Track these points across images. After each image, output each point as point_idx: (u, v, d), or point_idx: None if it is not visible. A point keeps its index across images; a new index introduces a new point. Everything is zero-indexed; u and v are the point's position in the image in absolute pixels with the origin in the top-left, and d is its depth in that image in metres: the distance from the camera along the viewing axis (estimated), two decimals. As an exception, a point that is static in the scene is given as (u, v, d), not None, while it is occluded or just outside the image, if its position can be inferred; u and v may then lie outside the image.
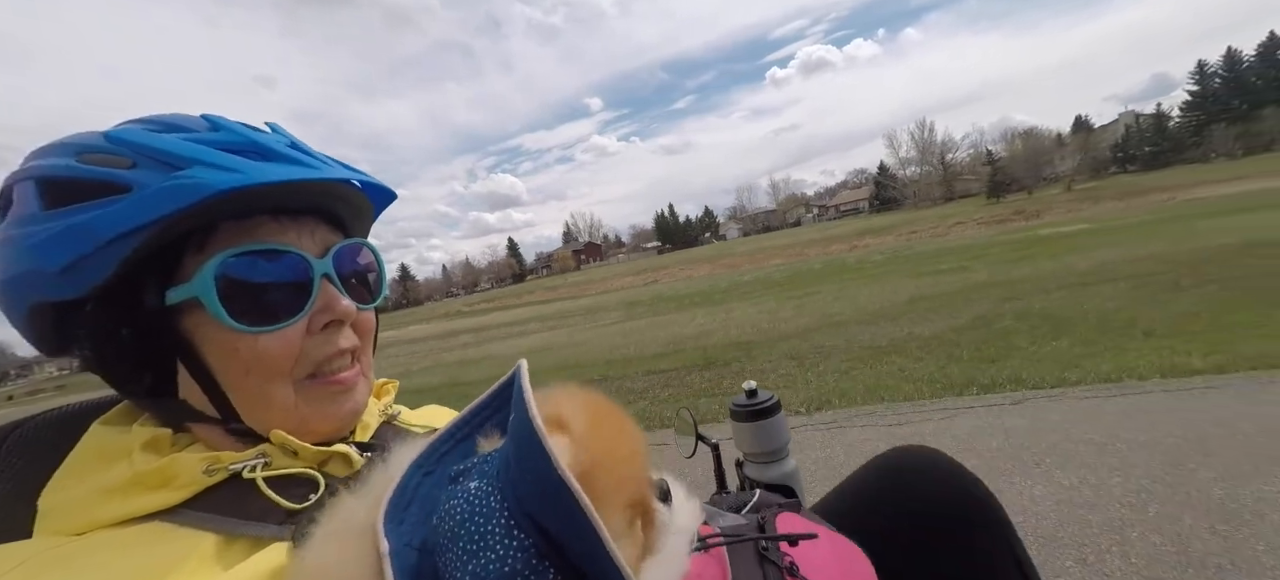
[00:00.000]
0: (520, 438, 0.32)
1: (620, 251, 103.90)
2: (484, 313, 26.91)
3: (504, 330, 14.31)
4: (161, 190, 0.39)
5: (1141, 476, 1.89)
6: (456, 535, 0.31)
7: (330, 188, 0.48)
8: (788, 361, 4.54)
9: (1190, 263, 5.67)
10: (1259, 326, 3.30)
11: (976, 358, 3.66)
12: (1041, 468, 2.07)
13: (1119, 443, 2.14)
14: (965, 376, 3.29)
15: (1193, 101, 49.28)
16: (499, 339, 12.33)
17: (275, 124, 0.50)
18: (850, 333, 5.19)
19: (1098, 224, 13.21)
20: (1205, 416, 2.25)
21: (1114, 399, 2.62)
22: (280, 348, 0.44)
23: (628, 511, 0.35)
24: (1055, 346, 3.61)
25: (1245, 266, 5.08)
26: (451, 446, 0.40)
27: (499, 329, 15.02)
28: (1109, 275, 5.78)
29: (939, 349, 4.05)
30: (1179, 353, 3.05)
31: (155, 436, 0.44)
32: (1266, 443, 1.96)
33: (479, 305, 37.79)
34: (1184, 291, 4.53)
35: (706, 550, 0.45)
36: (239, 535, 0.40)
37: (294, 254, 0.45)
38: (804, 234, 47.52)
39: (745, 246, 40.73)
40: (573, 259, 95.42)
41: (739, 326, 6.90)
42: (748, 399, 0.83)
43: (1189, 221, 9.91)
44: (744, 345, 5.58)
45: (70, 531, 0.39)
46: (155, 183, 0.40)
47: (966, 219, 29.69)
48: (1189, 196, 17.14)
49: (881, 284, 8.51)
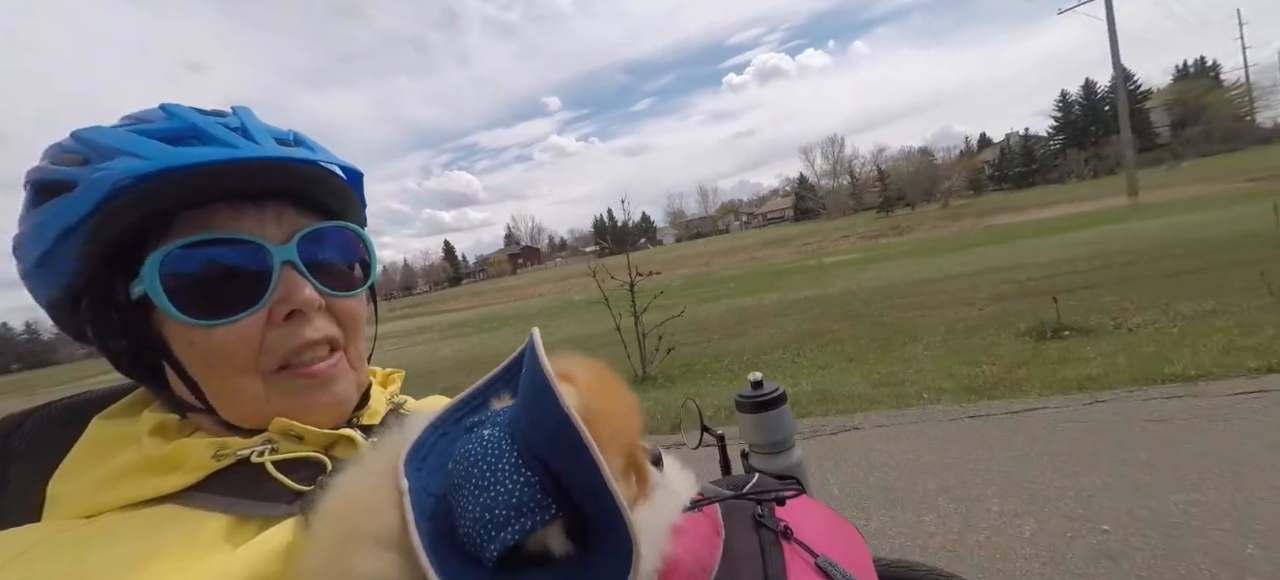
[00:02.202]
0: (532, 386, 0.35)
1: (559, 255, 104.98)
2: (386, 321, 27.89)
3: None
4: (88, 183, 0.39)
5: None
6: (469, 473, 0.34)
7: (291, 169, 0.45)
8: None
9: (813, 305, 8.08)
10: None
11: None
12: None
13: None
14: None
15: (1056, 127, 56.11)
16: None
17: (242, 107, 0.48)
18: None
19: (880, 250, 16.05)
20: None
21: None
22: (237, 340, 0.43)
23: (623, 458, 0.38)
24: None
25: (841, 310, 7.39)
26: (467, 411, 0.43)
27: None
28: (739, 316, 7.99)
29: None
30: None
31: (163, 422, 0.44)
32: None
33: (400, 311, 38.33)
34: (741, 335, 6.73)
35: (698, 510, 0.45)
36: (250, 516, 0.40)
37: (248, 241, 0.43)
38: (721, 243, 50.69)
39: (665, 255, 42.95)
40: (509, 263, 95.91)
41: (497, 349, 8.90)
42: (753, 390, 0.81)
43: (940, 254, 12.74)
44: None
45: (80, 515, 0.39)
46: (88, 177, 0.40)
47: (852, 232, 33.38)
48: (1019, 219, 20.11)
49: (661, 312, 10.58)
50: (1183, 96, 53.26)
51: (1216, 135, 47.07)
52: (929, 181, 47.05)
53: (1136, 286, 5.40)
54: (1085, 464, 2.38)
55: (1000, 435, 2.82)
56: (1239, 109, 52.60)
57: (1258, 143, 44.44)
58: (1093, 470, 2.32)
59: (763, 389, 0.81)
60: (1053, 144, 55.25)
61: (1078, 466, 2.38)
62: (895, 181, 48.94)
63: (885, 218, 40.41)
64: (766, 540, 0.45)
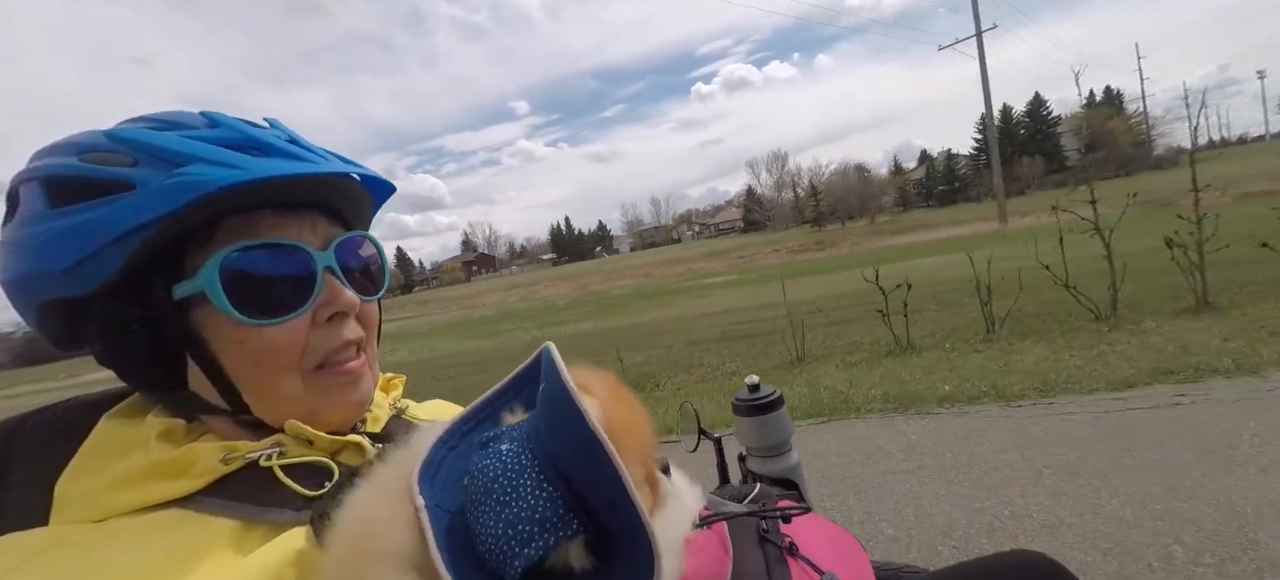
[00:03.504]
0: (553, 399, 0.35)
1: (515, 263, 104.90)
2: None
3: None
4: (164, 187, 0.40)
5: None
6: (490, 490, 0.33)
7: (328, 182, 0.48)
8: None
9: (578, 342, 8.45)
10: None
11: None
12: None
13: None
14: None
15: (976, 149, 60.43)
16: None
17: (274, 120, 0.51)
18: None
19: (757, 272, 17.17)
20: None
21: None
22: (286, 340, 0.45)
23: (642, 469, 0.38)
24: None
25: (585, 349, 7.56)
26: (475, 425, 0.43)
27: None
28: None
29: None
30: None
31: (170, 427, 0.45)
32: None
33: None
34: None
35: (707, 527, 0.45)
36: (258, 521, 0.40)
37: (297, 248, 0.46)
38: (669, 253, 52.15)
39: (613, 264, 43.56)
40: (463, 270, 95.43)
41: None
42: (750, 393, 0.81)
43: (802, 277, 13.41)
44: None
45: (88, 519, 0.39)
46: (157, 180, 0.40)
47: (781, 246, 35.17)
48: (924, 238, 20.90)
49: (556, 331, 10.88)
50: (1087, 123, 58.39)
51: (1114, 161, 51.88)
52: (860, 198, 50.16)
53: (781, 339, 5.07)
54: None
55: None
56: (1138, 136, 57.84)
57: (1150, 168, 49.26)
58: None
59: (760, 392, 0.80)
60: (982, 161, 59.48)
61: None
62: (828, 197, 51.95)
63: (816, 232, 42.95)
64: (772, 556, 0.46)
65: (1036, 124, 59.32)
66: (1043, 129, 58.45)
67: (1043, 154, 55.06)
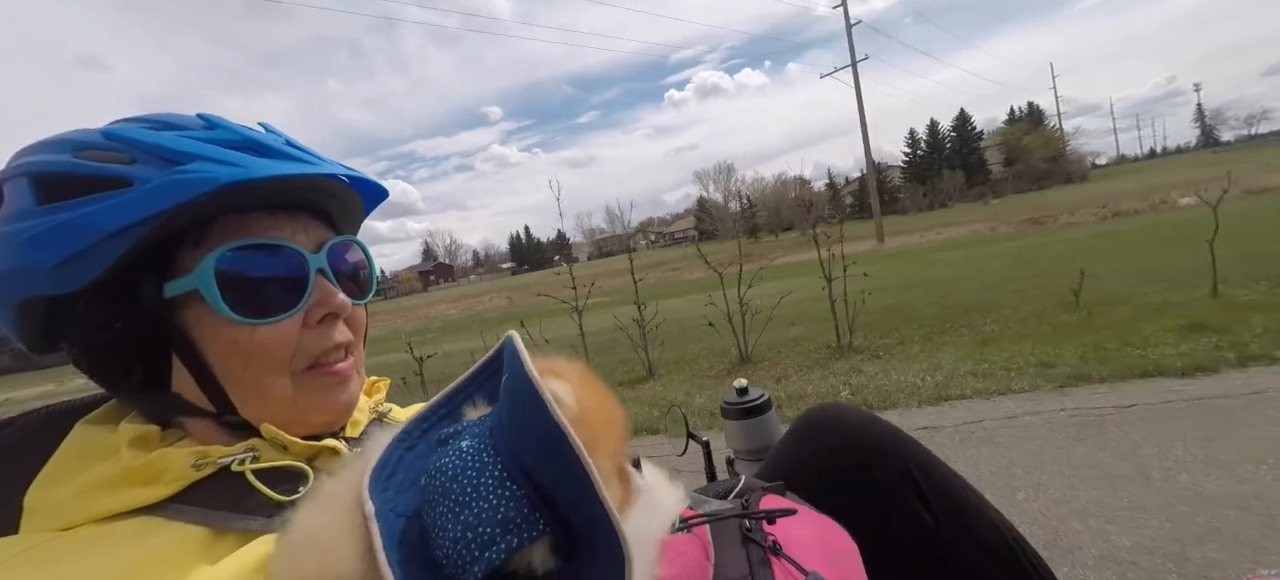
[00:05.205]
0: (517, 391, 0.33)
1: (475, 272, 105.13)
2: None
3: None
4: (165, 184, 0.40)
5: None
6: (448, 490, 0.31)
7: (322, 184, 0.49)
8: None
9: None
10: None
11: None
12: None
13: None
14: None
15: (907, 163, 64.48)
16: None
17: (268, 124, 0.50)
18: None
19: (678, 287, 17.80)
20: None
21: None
22: (278, 340, 0.45)
23: (612, 461, 0.36)
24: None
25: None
26: (435, 421, 0.41)
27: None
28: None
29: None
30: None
31: (143, 433, 0.44)
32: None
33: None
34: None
35: (688, 530, 0.44)
36: (228, 529, 0.39)
37: (290, 249, 0.46)
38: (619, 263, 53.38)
39: (563, 276, 44.45)
40: (419, 280, 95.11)
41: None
42: (738, 396, 0.81)
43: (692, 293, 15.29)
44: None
45: (57, 528, 0.38)
46: (157, 178, 0.40)
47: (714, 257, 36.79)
48: (798, 259, 22.86)
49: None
50: (1007, 138, 63.02)
51: (1029, 175, 56.31)
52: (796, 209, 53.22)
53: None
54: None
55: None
56: (1055, 151, 62.65)
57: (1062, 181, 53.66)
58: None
59: (748, 395, 0.82)
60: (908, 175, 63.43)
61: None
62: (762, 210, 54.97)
63: (753, 243, 45.48)
64: (755, 558, 0.44)
65: (962, 139, 63.72)
66: (967, 144, 62.88)
67: (966, 168, 59.34)
